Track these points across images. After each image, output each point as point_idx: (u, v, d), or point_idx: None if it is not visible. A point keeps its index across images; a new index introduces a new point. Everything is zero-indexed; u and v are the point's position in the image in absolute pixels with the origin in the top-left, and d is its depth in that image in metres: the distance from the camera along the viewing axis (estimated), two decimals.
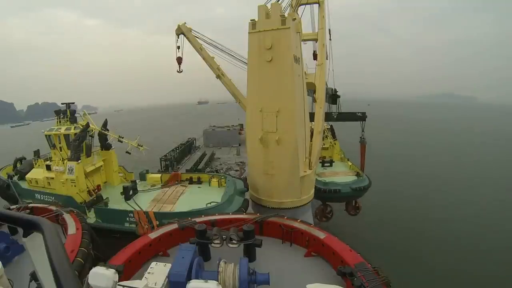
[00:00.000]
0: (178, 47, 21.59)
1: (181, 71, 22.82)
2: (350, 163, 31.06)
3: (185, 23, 20.99)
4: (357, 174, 27.23)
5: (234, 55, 20.88)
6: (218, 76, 21.22)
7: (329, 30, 24.58)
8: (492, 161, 56.83)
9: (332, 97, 30.55)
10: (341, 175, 27.73)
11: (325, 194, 23.70)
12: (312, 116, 22.51)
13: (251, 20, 15.12)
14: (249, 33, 15.24)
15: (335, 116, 30.40)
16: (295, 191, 16.66)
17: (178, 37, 21.26)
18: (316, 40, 24.71)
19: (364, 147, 30.86)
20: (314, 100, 23.08)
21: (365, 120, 30.18)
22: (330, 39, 24.87)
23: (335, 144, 34.41)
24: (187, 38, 21.08)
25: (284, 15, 14.87)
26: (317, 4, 24.47)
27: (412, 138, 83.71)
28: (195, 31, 21.10)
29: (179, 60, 22.24)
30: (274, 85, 15.19)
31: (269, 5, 15.72)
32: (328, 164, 30.17)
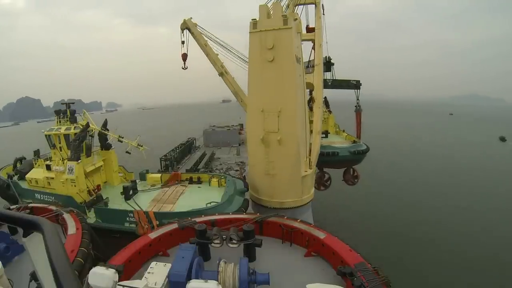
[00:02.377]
0: (183, 42, 21.21)
1: (186, 68, 22.48)
2: (346, 134, 30.78)
3: (191, 18, 20.78)
4: (354, 142, 27.03)
5: (238, 54, 20.78)
6: (221, 74, 21.07)
7: (322, 5, 24.85)
8: None
9: (327, 64, 30.42)
10: (337, 144, 27.39)
11: (323, 158, 23.03)
12: None
13: (252, 19, 15.08)
14: (250, 32, 15.20)
15: (329, 83, 30.05)
16: (296, 191, 16.64)
17: (183, 32, 20.96)
18: (312, 40, 24.72)
19: (359, 114, 30.34)
20: (312, 100, 23.03)
21: (359, 88, 29.82)
22: (323, 14, 25.09)
23: (329, 114, 33.89)
24: (191, 33, 20.86)
25: (285, 15, 14.81)
26: (314, 5, 24.48)
27: None
28: (200, 26, 20.91)
29: (184, 56, 21.77)
30: (276, 85, 15.12)
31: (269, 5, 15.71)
32: (324, 136, 29.43)
